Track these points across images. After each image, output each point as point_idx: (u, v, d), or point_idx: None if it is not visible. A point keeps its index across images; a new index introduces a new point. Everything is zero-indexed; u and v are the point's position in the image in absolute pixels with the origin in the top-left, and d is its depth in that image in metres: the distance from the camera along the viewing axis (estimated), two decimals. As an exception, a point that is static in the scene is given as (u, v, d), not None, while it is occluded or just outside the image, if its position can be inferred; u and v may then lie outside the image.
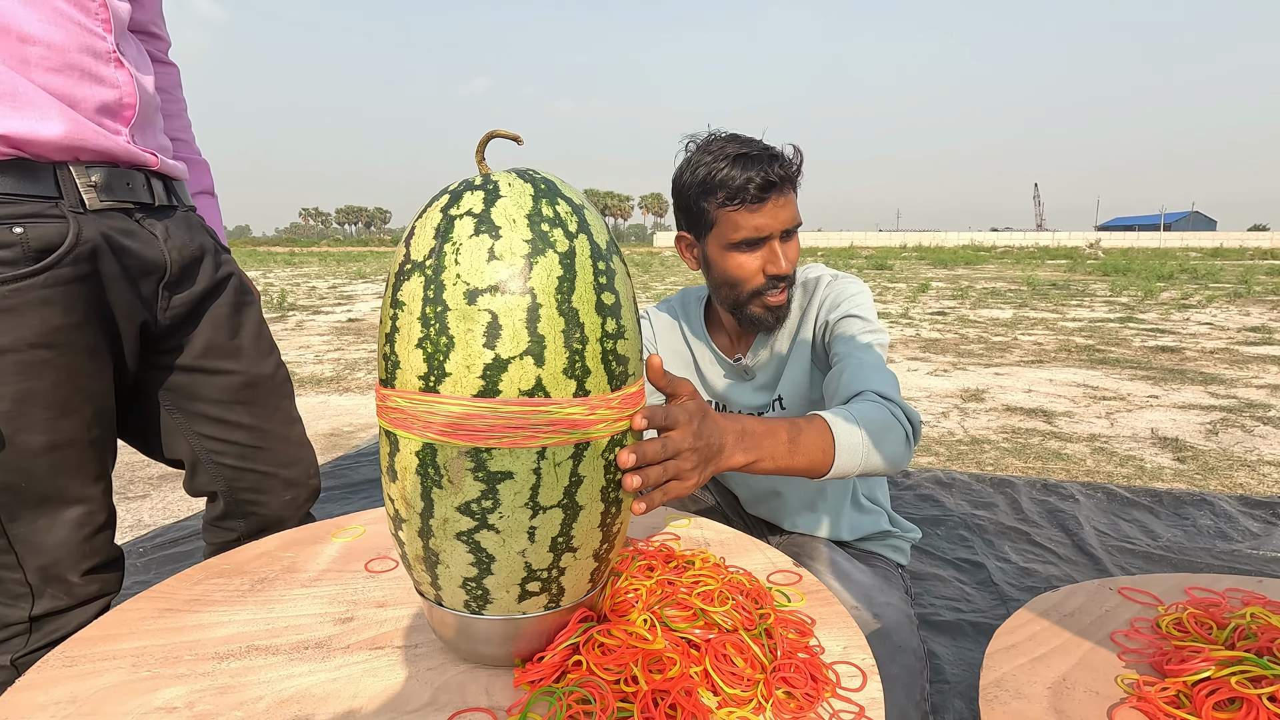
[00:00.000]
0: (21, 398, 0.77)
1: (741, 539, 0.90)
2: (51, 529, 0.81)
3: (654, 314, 1.27)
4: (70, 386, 0.80)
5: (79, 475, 0.83)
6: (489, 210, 0.52)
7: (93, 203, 0.82)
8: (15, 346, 0.76)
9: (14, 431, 0.77)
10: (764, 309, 1.07)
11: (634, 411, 0.58)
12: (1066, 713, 0.57)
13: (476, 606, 0.56)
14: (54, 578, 0.82)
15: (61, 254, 0.78)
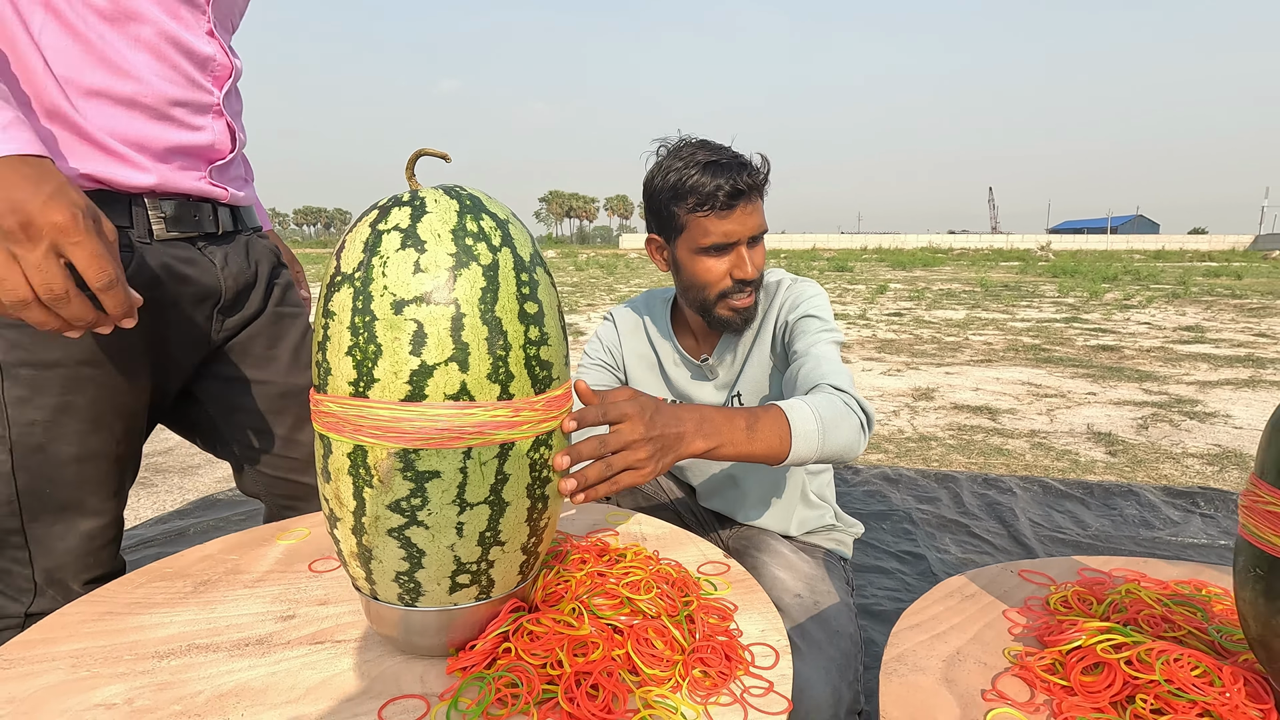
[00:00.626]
0: (61, 409, 0.81)
1: (677, 534, 0.94)
2: (65, 536, 0.84)
3: (618, 316, 1.30)
4: (106, 404, 0.84)
5: (100, 489, 0.86)
6: (415, 225, 0.55)
7: (160, 234, 0.86)
8: (64, 362, 0.80)
9: (49, 440, 0.81)
10: (731, 311, 1.11)
11: (560, 413, 0.62)
12: (956, 682, 0.63)
13: (410, 599, 0.59)
14: (57, 581, 0.85)
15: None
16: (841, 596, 1.14)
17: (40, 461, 0.81)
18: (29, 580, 0.84)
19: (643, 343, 1.28)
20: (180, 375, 0.95)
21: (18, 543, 0.83)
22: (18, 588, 0.84)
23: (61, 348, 0.80)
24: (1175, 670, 0.56)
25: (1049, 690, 0.60)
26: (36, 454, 0.81)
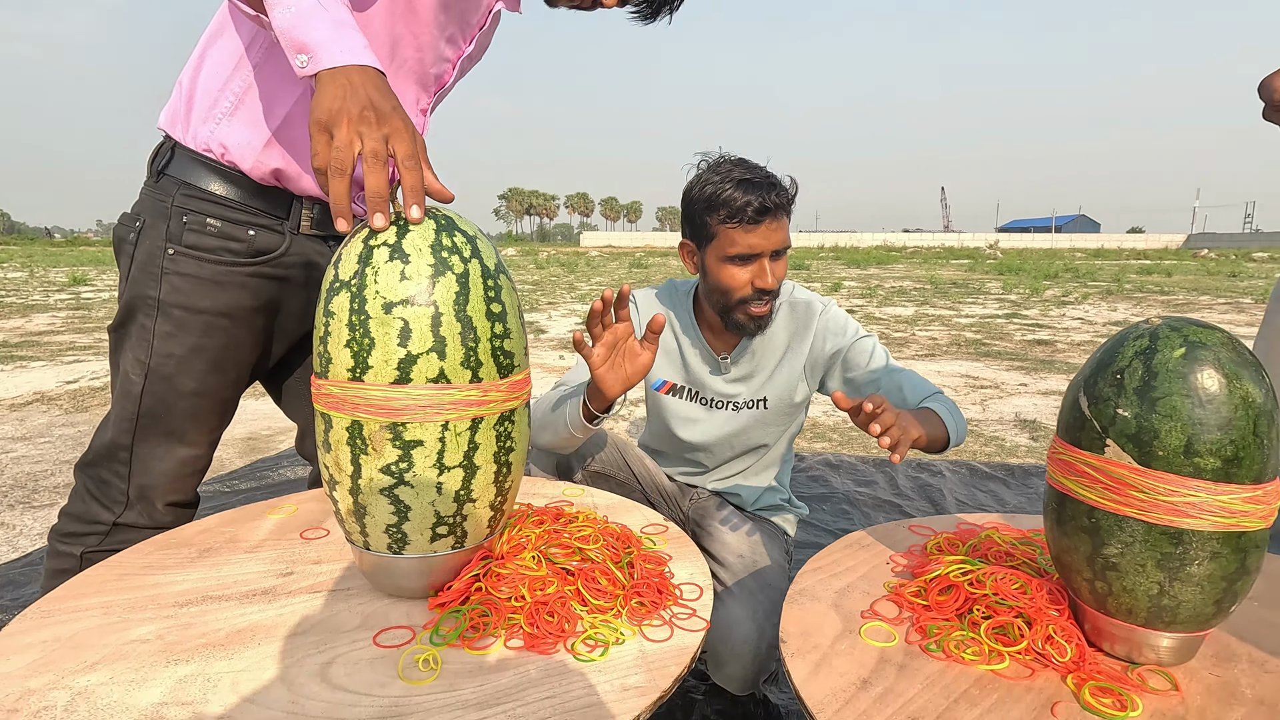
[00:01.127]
0: (194, 349, 0.98)
1: (625, 503, 1.08)
2: (163, 459, 1.01)
3: (641, 301, 1.36)
4: (228, 353, 1.01)
5: (202, 424, 1.03)
6: (400, 241, 0.68)
7: (305, 229, 1.05)
8: (208, 310, 0.98)
9: (176, 373, 0.98)
10: (748, 317, 1.22)
11: (521, 394, 0.75)
12: (843, 606, 0.78)
13: (397, 548, 0.72)
14: (146, 498, 1.01)
15: (270, 258, 1.02)
16: (777, 560, 1.30)
17: (165, 390, 0.98)
18: (123, 493, 1.00)
19: (666, 331, 1.34)
20: (285, 343, 1.11)
21: (123, 458, 0.99)
22: (111, 498, 1.00)
23: (211, 298, 0.98)
24: (1001, 585, 0.73)
25: (913, 609, 0.76)
26: (164, 383, 0.98)
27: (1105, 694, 0.62)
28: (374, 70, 0.76)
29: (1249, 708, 0.61)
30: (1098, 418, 0.64)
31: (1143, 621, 0.64)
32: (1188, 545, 0.60)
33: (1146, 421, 0.61)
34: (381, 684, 0.62)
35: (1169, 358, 0.61)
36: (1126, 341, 0.64)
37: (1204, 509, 0.59)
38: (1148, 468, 0.61)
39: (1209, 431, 0.59)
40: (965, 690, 0.63)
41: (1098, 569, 0.65)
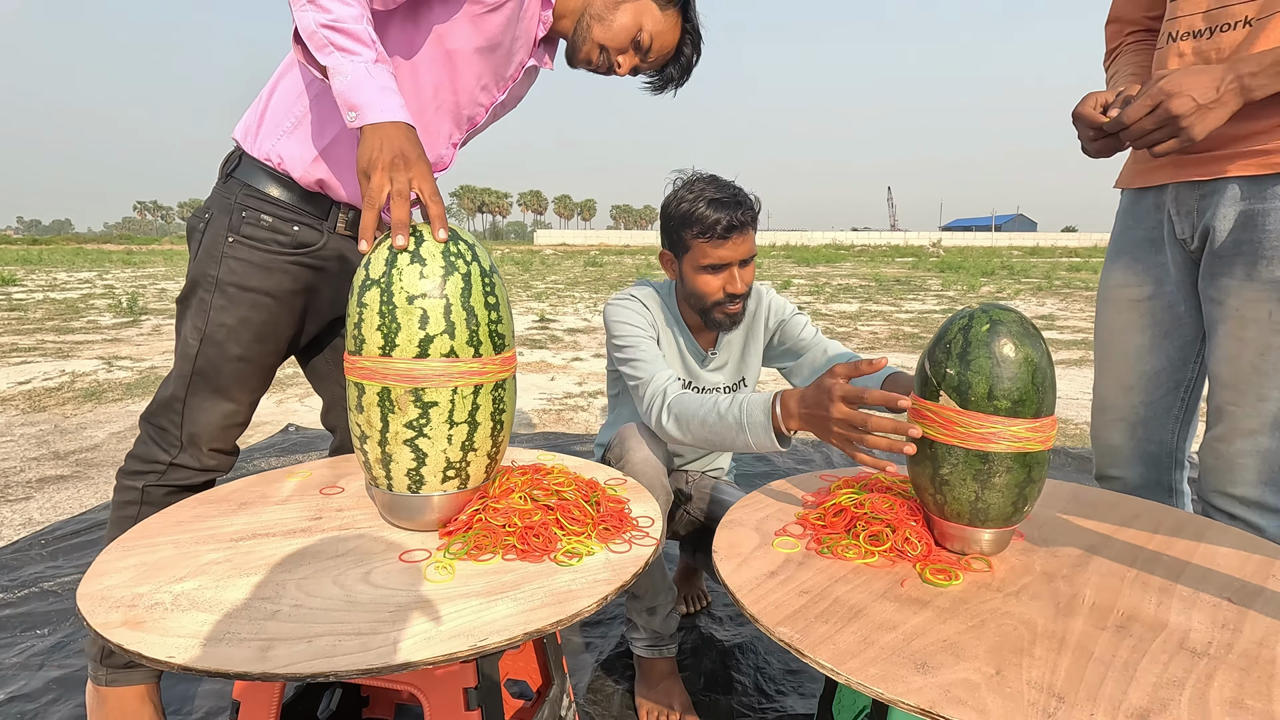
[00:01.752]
0: (242, 321, 1.19)
1: (592, 465, 1.30)
2: (210, 411, 1.22)
3: (644, 300, 1.47)
4: (270, 327, 1.21)
5: (244, 385, 1.23)
6: (419, 249, 0.88)
7: (341, 230, 1.25)
8: (257, 289, 1.19)
9: (226, 340, 1.19)
10: (724, 316, 1.43)
11: (512, 367, 0.96)
12: (761, 529, 1.02)
13: (415, 488, 0.92)
14: (193, 443, 1.22)
15: (310, 250, 1.22)
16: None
17: (216, 353, 1.19)
18: (177, 439, 1.21)
19: (664, 328, 1.50)
20: (318, 323, 1.31)
21: (178, 409, 1.20)
22: (169, 442, 1.21)
23: (260, 280, 1.18)
24: (875, 505, 0.97)
25: (813, 528, 1.00)
26: (215, 347, 1.18)
27: (940, 573, 0.86)
28: (406, 125, 0.96)
29: (1034, 576, 0.86)
30: (934, 375, 0.88)
31: (967, 522, 0.89)
32: (992, 463, 0.86)
33: (964, 377, 0.85)
34: (411, 583, 0.82)
35: (979, 331, 0.86)
36: (954, 321, 0.89)
37: (1001, 436, 0.85)
38: (965, 409, 0.86)
39: (1002, 382, 0.84)
40: (843, 575, 0.87)
41: (937, 485, 0.89)
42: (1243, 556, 0.92)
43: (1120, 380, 1.26)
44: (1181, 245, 1.18)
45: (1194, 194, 1.14)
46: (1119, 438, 1.27)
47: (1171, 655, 0.69)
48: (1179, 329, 1.21)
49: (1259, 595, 0.82)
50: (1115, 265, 1.28)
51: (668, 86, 1.32)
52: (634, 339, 1.38)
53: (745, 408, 1.13)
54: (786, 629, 0.75)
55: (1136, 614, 0.77)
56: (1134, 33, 1.30)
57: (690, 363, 1.53)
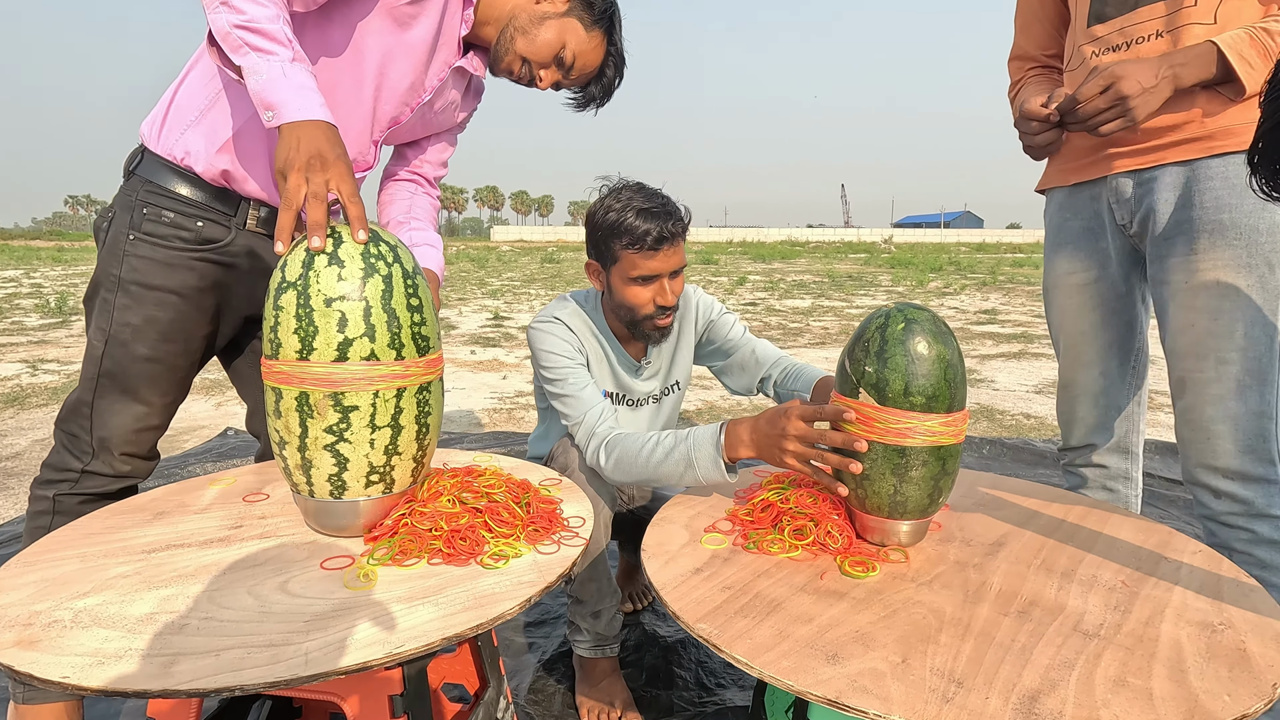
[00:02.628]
0: (147, 320, 1.15)
1: (528, 465, 1.29)
2: (120, 414, 1.17)
3: (566, 319, 1.40)
4: (178, 325, 1.17)
5: (155, 387, 1.19)
6: (337, 250, 0.86)
7: (251, 226, 1.21)
8: (160, 287, 1.15)
9: (132, 340, 1.15)
10: (653, 328, 1.37)
11: (436, 370, 0.95)
12: (691, 526, 1.03)
13: (338, 494, 0.91)
14: (104, 449, 1.17)
15: (217, 247, 1.18)
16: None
17: (122, 354, 1.15)
18: (88, 445, 1.17)
19: (592, 342, 1.44)
20: (234, 323, 1.28)
21: (86, 413, 1.17)
22: (80, 449, 1.17)
23: (163, 277, 1.14)
24: (799, 500, 0.99)
25: (741, 523, 1.02)
26: (121, 348, 1.15)
27: (859, 565, 0.89)
28: (325, 124, 0.94)
29: (948, 565, 0.90)
30: (853, 373, 0.91)
31: (887, 514, 0.92)
32: (909, 457, 0.88)
33: (881, 374, 0.88)
34: (331, 591, 0.81)
35: (895, 330, 0.89)
36: (872, 320, 0.92)
37: (916, 431, 0.87)
38: (883, 406, 0.88)
39: (917, 379, 0.87)
40: (766, 570, 0.89)
41: (858, 480, 0.92)
42: (1139, 540, 0.98)
43: (1079, 357, 1.34)
44: (1121, 231, 1.26)
45: (1132, 183, 1.21)
46: (1084, 409, 1.36)
47: (1065, 638, 0.73)
48: (1123, 306, 1.30)
49: (1151, 577, 0.86)
50: (1059, 255, 1.36)
51: (589, 105, 1.32)
52: (562, 369, 1.34)
53: (692, 443, 1.11)
54: (706, 625, 0.76)
55: (1038, 599, 0.81)
56: (1034, 68, 1.42)
57: (622, 375, 1.50)
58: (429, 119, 1.31)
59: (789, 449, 0.99)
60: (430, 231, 1.35)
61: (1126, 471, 1.35)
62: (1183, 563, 0.90)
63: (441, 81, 1.25)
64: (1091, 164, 1.27)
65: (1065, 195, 1.35)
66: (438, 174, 1.43)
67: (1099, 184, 1.28)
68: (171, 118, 1.14)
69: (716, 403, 3.86)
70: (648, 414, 1.57)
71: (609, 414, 1.30)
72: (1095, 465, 1.36)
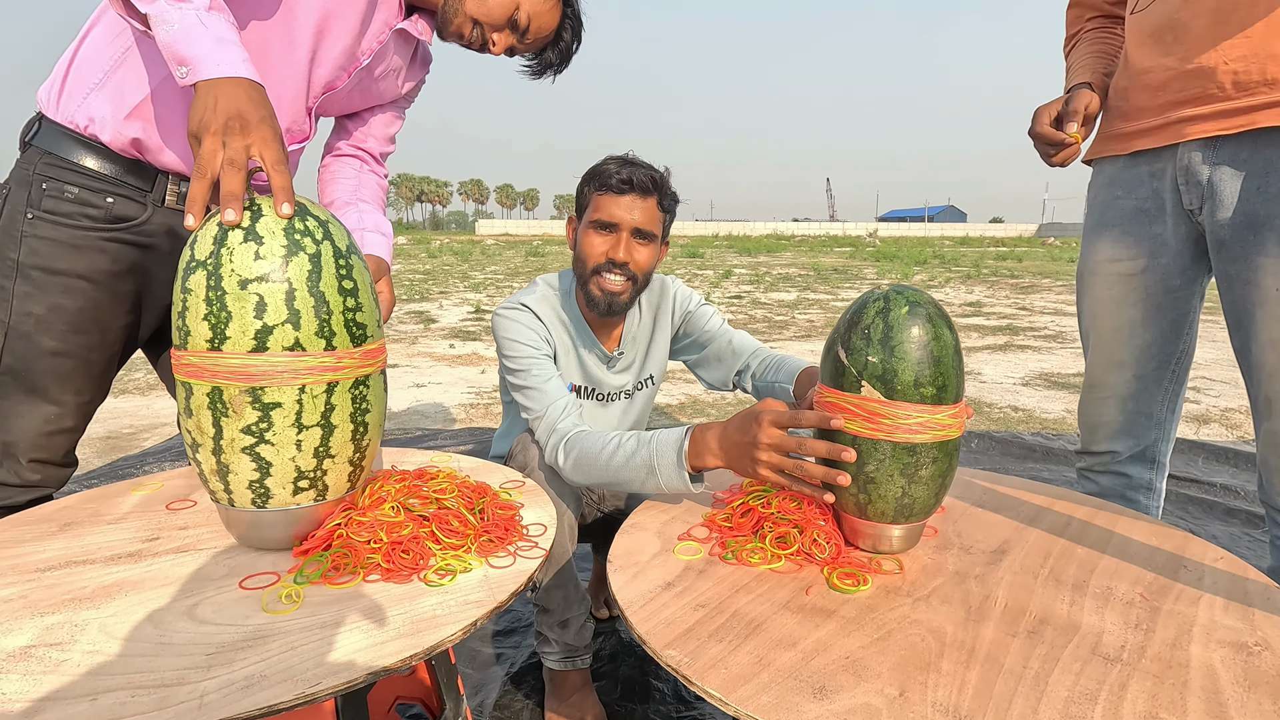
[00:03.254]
0: (53, 309, 1.02)
1: (490, 466, 1.19)
2: (26, 415, 1.05)
3: (535, 307, 1.32)
4: (89, 315, 1.05)
5: (67, 384, 1.06)
6: (254, 224, 0.75)
7: (170, 203, 1.09)
8: (66, 272, 1.02)
9: (36, 331, 1.02)
10: (600, 291, 1.27)
11: (375, 362, 0.84)
12: (664, 533, 0.93)
13: (261, 503, 0.80)
14: (9, 455, 1.05)
15: (130, 225, 1.06)
16: None
17: (25, 348, 1.02)
18: None
19: (562, 332, 1.36)
20: (155, 310, 1.14)
21: None
22: None
23: (69, 261, 1.02)
24: (782, 505, 0.90)
25: (720, 530, 0.92)
26: (23, 341, 1.01)
27: (848, 578, 0.80)
28: (248, 82, 0.83)
29: (946, 577, 0.81)
30: (853, 365, 0.81)
31: (891, 519, 0.83)
32: (919, 455, 0.80)
33: (888, 364, 0.79)
34: (246, 616, 0.70)
35: (899, 314, 0.79)
36: (867, 304, 0.82)
37: (927, 426, 0.79)
38: (891, 399, 0.79)
39: (927, 368, 0.78)
40: (745, 583, 0.79)
41: (861, 484, 0.82)
42: (1153, 546, 0.89)
43: (1111, 356, 1.20)
44: (1188, 216, 1.08)
45: (1208, 155, 1.02)
46: (1110, 413, 1.22)
47: (1084, 663, 0.64)
48: (1171, 303, 1.14)
49: (1170, 590, 0.78)
50: (1102, 239, 1.19)
51: (546, 71, 1.22)
52: (525, 360, 1.24)
53: (655, 448, 1.01)
54: (676, 651, 0.66)
55: (1049, 616, 0.72)
56: (1094, 18, 1.27)
57: (592, 368, 1.41)
58: (368, 87, 1.19)
59: (762, 459, 0.89)
60: (379, 215, 1.24)
61: (1150, 483, 1.23)
62: (1204, 570, 0.82)
63: (380, 44, 1.14)
64: (1158, 129, 1.08)
65: (1119, 168, 1.17)
66: (384, 150, 1.31)
67: (1164, 155, 1.09)
68: (72, 81, 1.02)
69: (700, 396, 3.77)
70: (618, 410, 1.47)
71: (573, 409, 1.20)
72: (1115, 473, 1.24)
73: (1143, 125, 1.12)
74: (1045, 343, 5.62)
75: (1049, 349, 5.33)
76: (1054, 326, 6.48)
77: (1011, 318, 7.13)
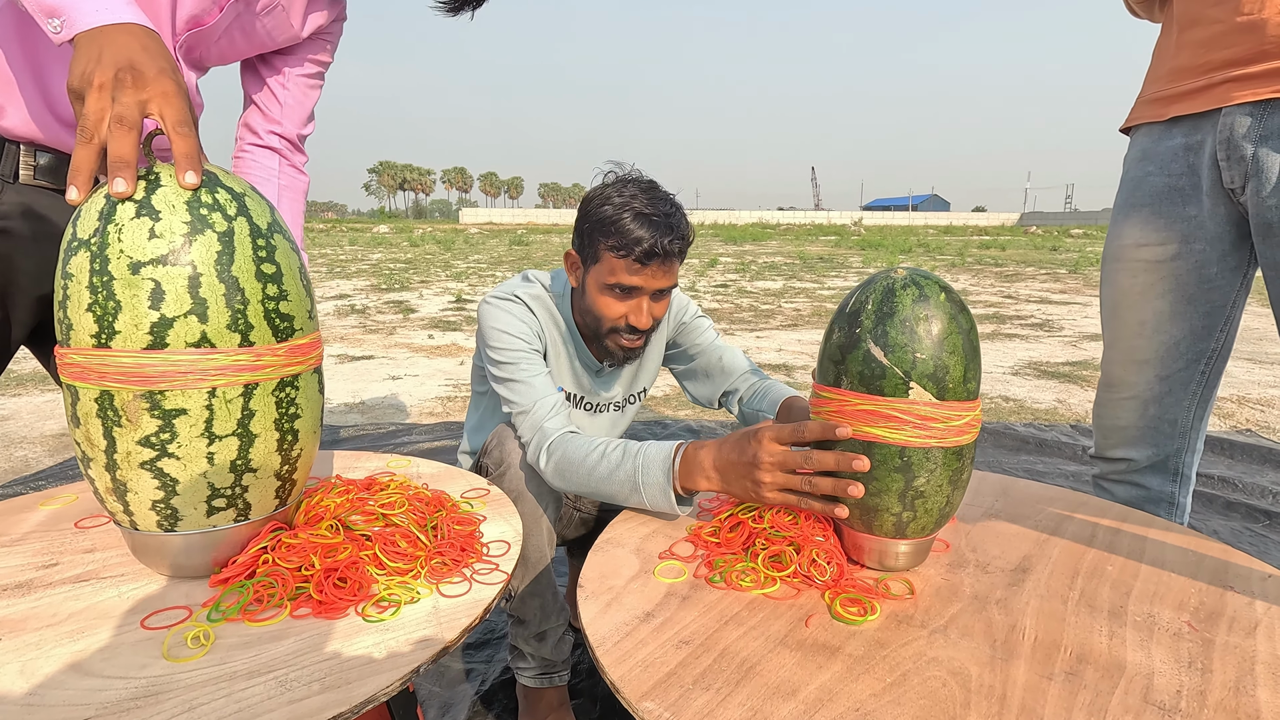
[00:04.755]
0: None
1: (452, 472, 1.08)
2: None
3: (535, 303, 1.21)
4: None
5: None
6: (149, 197, 0.63)
7: (25, 178, 0.94)
8: None
9: None
10: (617, 347, 1.17)
11: (307, 358, 0.72)
12: (644, 550, 0.82)
13: (169, 525, 0.68)
14: None
15: None
16: None
17: None
18: None
19: (555, 335, 1.24)
20: (25, 305, 0.99)
21: None
22: None
23: None
24: (776, 519, 0.79)
25: (706, 547, 0.82)
26: None
27: (854, 604, 0.70)
28: (140, 28, 0.70)
29: (964, 602, 0.71)
30: (899, 365, 0.69)
31: (929, 533, 0.74)
32: (964, 457, 0.72)
33: (940, 360, 0.69)
34: (142, 665, 0.59)
35: (939, 302, 0.69)
36: (895, 291, 0.71)
37: (972, 424, 0.71)
38: (943, 400, 0.69)
39: (971, 359, 0.70)
40: (736, 613, 0.69)
41: (908, 502, 0.71)
42: (1192, 562, 0.80)
43: (1134, 353, 1.09)
44: (1228, 196, 0.97)
45: (1255, 126, 0.90)
46: (1128, 416, 1.10)
47: (1137, 716, 0.54)
48: (1206, 294, 1.02)
49: (1221, 616, 0.68)
50: (1130, 220, 1.07)
51: (463, 8, 1.07)
52: (514, 354, 1.12)
53: (642, 463, 0.91)
54: (654, 704, 0.56)
55: (1088, 652, 0.62)
56: None
57: (584, 376, 1.30)
58: (250, 26, 1.03)
59: (765, 480, 0.79)
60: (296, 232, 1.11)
61: (1172, 496, 1.12)
62: (1254, 590, 0.73)
63: None
64: (1200, 91, 0.96)
65: (1152, 140, 1.05)
66: (302, 132, 1.17)
67: (1203, 126, 0.97)
68: None
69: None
70: (607, 422, 1.36)
71: (562, 409, 1.09)
72: (1132, 484, 1.13)
73: (1183, 87, 0.99)
74: (1033, 331, 5.57)
75: (1036, 337, 5.28)
76: (1040, 315, 6.45)
77: (998, 306, 7.09)
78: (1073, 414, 3.28)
